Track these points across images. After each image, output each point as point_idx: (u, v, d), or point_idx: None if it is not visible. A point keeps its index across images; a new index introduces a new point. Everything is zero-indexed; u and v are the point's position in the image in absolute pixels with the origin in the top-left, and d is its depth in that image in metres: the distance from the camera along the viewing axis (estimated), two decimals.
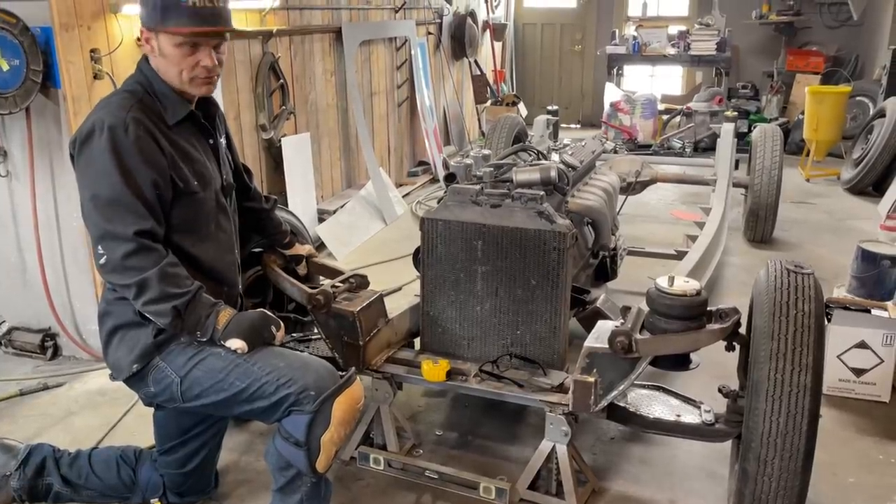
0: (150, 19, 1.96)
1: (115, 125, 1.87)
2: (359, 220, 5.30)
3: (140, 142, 1.89)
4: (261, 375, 1.91)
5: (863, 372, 3.04)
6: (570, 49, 10.45)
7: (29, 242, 3.28)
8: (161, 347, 1.99)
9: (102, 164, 1.86)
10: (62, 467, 2.26)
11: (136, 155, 1.88)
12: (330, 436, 1.90)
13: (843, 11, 8.67)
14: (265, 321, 2.00)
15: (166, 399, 2.03)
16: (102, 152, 1.86)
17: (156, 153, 1.93)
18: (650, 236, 5.19)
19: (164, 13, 1.93)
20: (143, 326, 1.99)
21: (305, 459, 1.91)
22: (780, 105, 8.78)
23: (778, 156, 4.81)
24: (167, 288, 1.85)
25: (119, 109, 1.91)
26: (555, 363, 2.55)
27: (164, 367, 1.98)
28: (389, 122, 6.52)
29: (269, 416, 1.95)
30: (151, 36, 1.98)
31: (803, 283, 2.00)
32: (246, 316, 2.00)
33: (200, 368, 1.96)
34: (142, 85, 2.02)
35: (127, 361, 2.00)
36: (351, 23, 5.62)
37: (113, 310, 2.05)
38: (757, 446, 1.92)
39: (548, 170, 2.70)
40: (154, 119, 1.97)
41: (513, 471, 2.53)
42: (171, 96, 2.02)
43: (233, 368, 1.93)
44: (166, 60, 1.99)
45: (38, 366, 3.38)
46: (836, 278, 4.12)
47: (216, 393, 1.95)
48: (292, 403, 1.89)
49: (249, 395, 1.92)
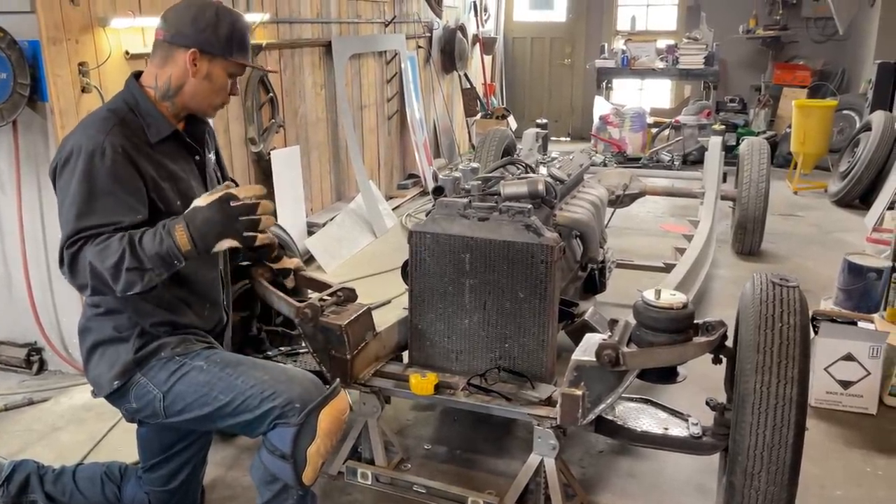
0: (214, 46, 1.97)
1: (93, 149, 1.83)
2: (348, 233, 5.30)
3: (115, 166, 1.85)
4: (245, 389, 1.89)
5: (850, 384, 3.05)
6: (559, 63, 10.53)
7: (15, 256, 3.26)
8: (142, 363, 1.97)
9: (78, 189, 1.82)
10: (46, 484, 2.24)
11: (111, 178, 1.83)
12: (316, 448, 1.88)
13: (829, 26, 8.77)
14: (224, 212, 1.81)
15: (149, 415, 2.01)
16: (79, 177, 1.82)
17: (133, 177, 1.88)
18: (639, 249, 5.21)
19: (236, 45, 2.00)
20: (123, 342, 1.97)
21: (292, 472, 1.88)
22: (767, 118, 8.86)
23: (765, 169, 4.85)
24: (106, 260, 1.75)
25: (97, 133, 1.86)
26: (543, 376, 2.55)
27: (145, 383, 1.96)
28: (379, 134, 6.53)
29: (255, 429, 1.93)
30: (206, 61, 1.98)
31: (788, 296, 2.01)
32: (197, 216, 1.81)
33: (183, 383, 1.94)
34: (127, 103, 2.00)
35: (107, 378, 1.98)
36: (341, 36, 5.64)
37: (93, 325, 2.03)
38: (743, 459, 1.92)
39: (535, 183, 2.71)
40: (135, 139, 1.93)
41: (501, 485, 2.52)
42: (156, 115, 2.00)
43: (216, 382, 1.92)
44: (209, 85, 2.01)
45: (23, 380, 3.35)
46: (824, 290, 4.14)
47: (200, 407, 1.93)
48: (277, 416, 1.88)
49: (234, 409, 1.91)
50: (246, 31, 2.06)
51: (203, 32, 1.96)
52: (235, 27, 2.01)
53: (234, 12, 2.06)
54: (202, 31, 1.96)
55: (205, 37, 1.96)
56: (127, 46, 3.42)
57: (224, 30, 1.98)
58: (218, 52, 1.99)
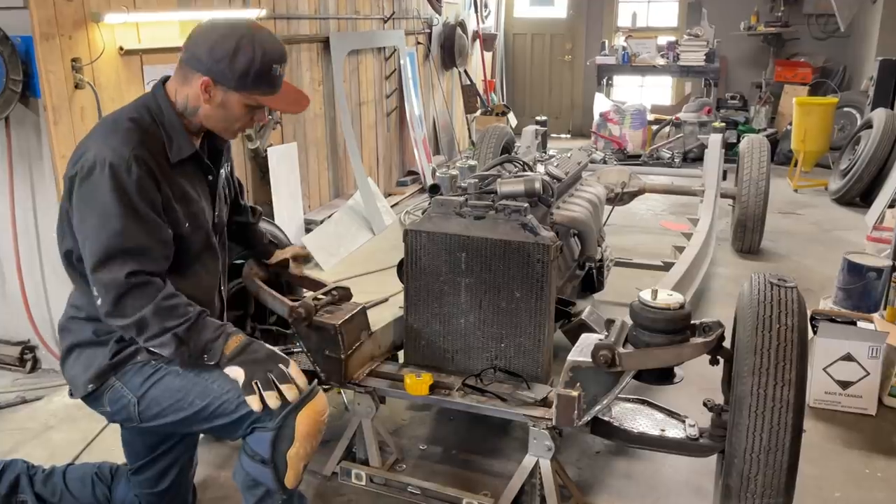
0: (227, 79, 1.87)
1: (118, 164, 1.78)
2: (346, 231, 5.27)
3: (141, 181, 1.81)
4: (220, 393, 1.85)
5: (849, 385, 3.02)
6: (559, 59, 10.48)
7: (8, 253, 3.24)
8: (117, 367, 1.94)
9: (103, 206, 1.78)
10: (36, 484, 2.22)
11: (137, 195, 1.80)
12: (296, 451, 1.85)
13: (830, 23, 8.73)
14: (273, 357, 1.86)
15: (124, 419, 1.99)
16: (104, 193, 1.78)
17: (154, 193, 1.85)
18: (638, 247, 5.18)
19: (252, 81, 1.88)
20: (100, 346, 1.94)
21: (273, 477, 1.86)
22: (768, 116, 8.83)
23: (765, 167, 4.82)
24: (164, 322, 1.78)
25: (122, 145, 1.81)
26: (539, 376, 2.53)
27: (119, 388, 1.94)
28: (378, 131, 6.50)
29: (232, 433, 1.91)
30: (219, 91, 1.89)
31: (786, 297, 1.98)
32: (255, 347, 1.87)
33: (158, 388, 1.91)
34: (150, 112, 1.92)
35: (82, 380, 1.95)
36: (339, 32, 5.61)
37: (72, 327, 2.01)
38: (740, 462, 1.90)
39: (532, 181, 2.68)
40: (156, 155, 1.87)
41: (497, 486, 2.49)
42: (179, 130, 1.93)
43: (192, 387, 1.88)
44: (224, 112, 1.93)
45: (16, 379, 3.32)
46: (823, 290, 4.12)
47: (175, 412, 1.90)
48: (255, 420, 1.84)
49: (210, 414, 1.87)
50: (270, 67, 1.90)
51: (218, 63, 1.85)
52: (256, 62, 1.86)
53: (262, 44, 1.88)
54: (217, 62, 1.85)
55: (219, 68, 1.86)
56: (121, 42, 3.39)
57: (241, 63, 1.85)
58: (231, 86, 1.88)
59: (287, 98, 2.02)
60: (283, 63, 1.95)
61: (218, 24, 1.92)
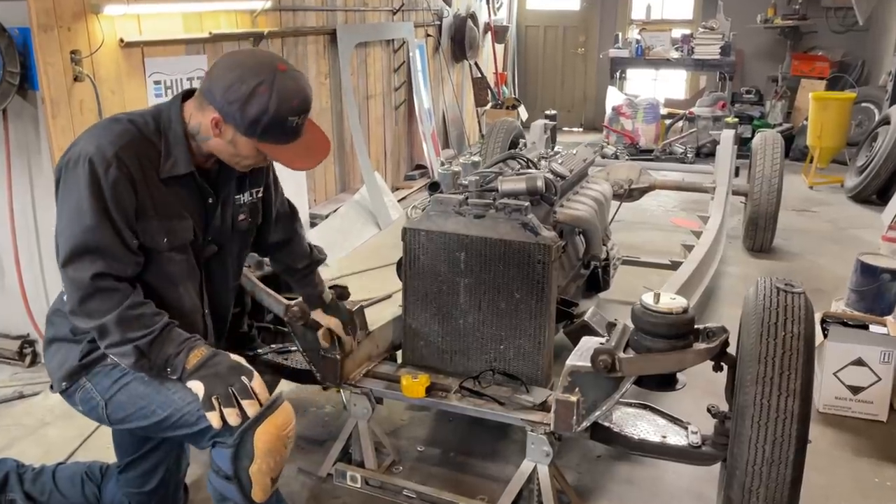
0: (237, 123, 1.78)
1: (98, 161, 1.72)
2: (352, 225, 5.22)
3: (117, 183, 1.74)
4: (181, 405, 1.80)
5: (860, 390, 2.94)
6: (572, 52, 10.37)
7: (6, 247, 3.21)
8: (88, 368, 1.90)
9: (77, 201, 1.74)
10: (25, 483, 2.20)
11: (111, 196, 1.74)
12: (258, 467, 1.76)
13: (849, 16, 8.56)
14: (236, 370, 1.77)
15: (95, 419, 1.97)
16: (80, 188, 1.73)
17: (128, 198, 1.78)
18: (648, 244, 5.10)
19: (265, 130, 1.79)
20: (75, 344, 1.91)
21: (239, 493, 1.80)
22: (784, 110, 8.68)
23: (778, 163, 4.72)
24: (126, 333, 1.73)
25: (109, 144, 1.75)
26: (539, 380, 2.47)
27: (90, 389, 1.90)
28: (386, 125, 6.45)
29: (197, 443, 1.86)
30: (230, 130, 1.81)
31: (793, 303, 1.91)
32: (216, 360, 1.79)
33: (124, 393, 1.87)
34: (158, 121, 1.86)
35: (57, 376, 1.94)
36: (346, 24, 5.55)
37: (54, 320, 1.99)
38: (741, 474, 1.84)
39: (534, 179, 2.62)
40: (144, 163, 1.80)
41: (494, 490, 2.45)
42: (180, 149, 1.85)
43: (155, 395, 1.83)
44: (233, 150, 1.85)
45: (15, 373, 3.31)
46: (836, 290, 4.02)
47: (140, 419, 1.87)
48: (214, 434, 1.78)
49: (172, 424, 1.83)
50: (284, 119, 1.78)
51: (230, 105, 1.77)
52: (269, 112, 1.76)
53: (280, 92, 1.76)
54: (230, 103, 1.77)
55: (230, 110, 1.77)
56: (122, 34, 3.35)
57: (253, 111, 1.76)
58: (241, 131, 1.80)
59: (299, 149, 1.88)
60: (302, 115, 1.84)
61: (242, 61, 1.82)
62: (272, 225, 2.28)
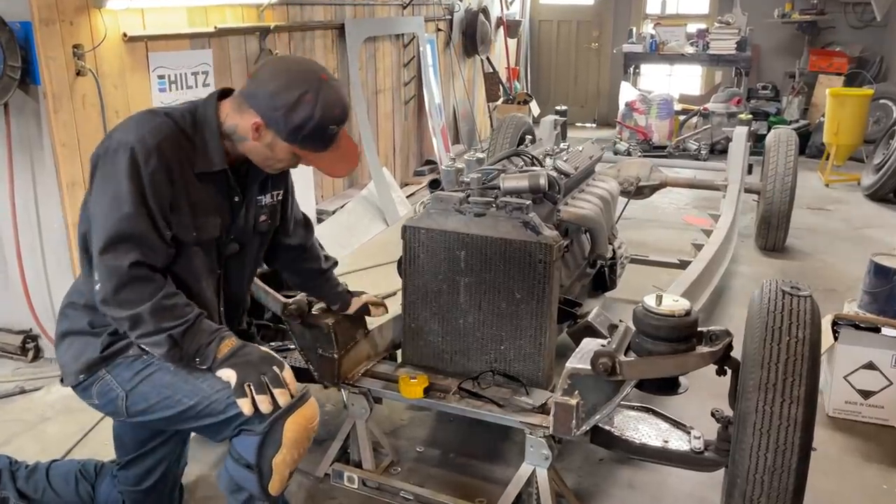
0: (280, 128, 1.83)
1: (139, 150, 1.75)
2: (359, 221, 5.19)
3: (156, 174, 1.77)
4: (210, 393, 1.80)
5: (871, 394, 2.88)
6: (586, 46, 10.28)
7: (8, 242, 3.21)
8: (108, 361, 1.89)
9: (116, 189, 1.75)
10: (18, 481, 2.18)
11: (150, 186, 1.76)
12: (282, 458, 1.79)
13: (867, 11, 8.42)
14: (267, 360, 1.80)
15: (111, 412, 1.96)
16: (121, 176, 1.74)
17: (165, 189, 1.80)
18: (658, 242, 5.03)
19: (307, 137, 1.85)
20: (93, 337, 1.90)
21: (257, 483, 1.81)
22: (801, 107, 8.56)
23: (792, 161, 4.63)
24: (161, 322, 1.74)
25: (149, 135, 1.78)
26: (539, 381, 2.43)
27: (109, 380, 1.89)
28: (395, 120, 6.40)
29: (219, 433, 1.85)
30: (269, 134, 1.85)
31: (799, 307, 1.86)
32: (248, 350, 1.82)
33: (147, 383, 1.86)
34: (193, 117, 1.88)
35: (72, 370, 1.92)
36: (355, 19, 5.51)
37: (68, 313, 1.98)
38: (742, 483, 1.79)
39: (537, 177, 2.56)
40: (181, 157, 1.83)
41: (493, 493, 2.41)
42: (214, 147, 1.88)
43: (181, 384, 1.83)
44: (270, 153, 1.89)
45: (18, 368, 3.31)
46: (849, 291, 3.94)
47: (163, 409, 1.85)
48: (242, 422, 1.79)
49: (198, 413, 1.82)
50: (326, 127, 1.85)
51: (275, 111, 1.81)
52: (313, 120, 1.82)
53: (324, 102, 1.82)
54: (275, 109, 1.81)
55: (274, 116, 1.82)
56: (125, 29, 3.33)
57: (297, 118, 1.81)
58: (282, 136, 1.85)
59: (334, 157, 1.94)
60: (341, 124, 1.89)
61: (289, 67, 1.88)
62: (289, 228, 2.31)
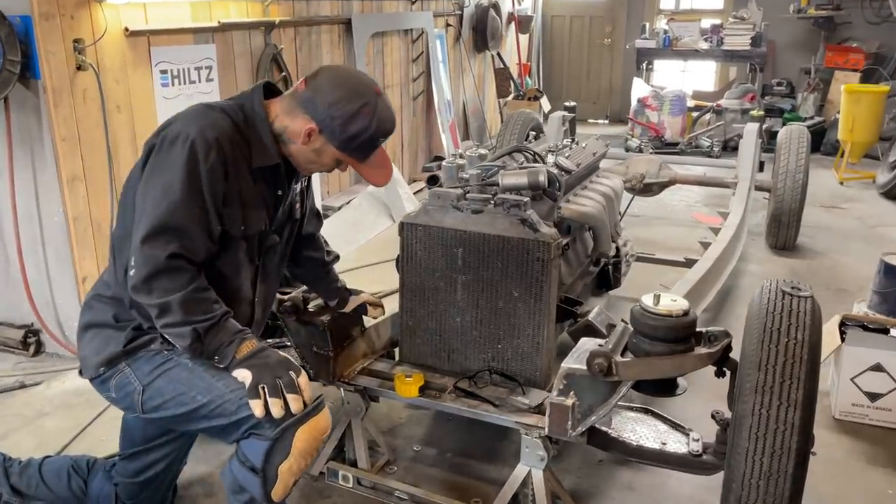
0: (334, 136, 1.91)
1: (200, 143, 1.78)
2: (365, 217, 5.17)
3: (214, 169, 1.79)
4: (224, 392, 1.79)
5: (878, 397, 2.82)
6: (598, 42, 10.20)
7: (9, 237, 3.21)
8: (130, 354, 1.90)
9: (170, 179, 1.76)
10: (11, 476, 2.18)
11: (207, 180, 1.78)
12: (289, 466, 1.77)
13: (884, 7, 8.27)
14: (284, 364, 1.79)
15: (126, 407, 1.96)
16: (177, 166, 1.76)
17: (221, 184, 1.82)
18: (666, 240, 4.98)
19: (358, 146, 1.94)
20: (117, 331, 1.91)
21: (260, 487, 1.79)
22: (816, 103, 8.44)
23: (804, 159, 4.55)
24: (188, 315, 1.74)
25: (210, 128, 1.81)
26: (537, 381, 2.39)
27: (128, 374, 1.89)
28: (403, 116, 6.37)
29: (229, 434, 1.83)
30: (320, 140, 1.92)
31: (799, 308, 1.81)
32: (267, 353, 1.81)
33: (164, 378, 1.86)
34: (245, 112, 1.92)
35: (94, 362, 1.92)
36: (362, 14, 5.48)
37: (94, 305, 1.98)
38: (738, 488, 1.74)
39: (536, 173, 2.52)
40: (237, 152, 1.86)
41: (489, 493, 2.38)
42: (266, 142, 1.92)
43: (197, 381, 1.83)
44: (315, 157, 1.96)
45: (19, 362, 3.31)
46: (860, 291, 3.87)
47: (176, 406, 1.84)
48: (253, 426, 1.77)
49: (210, 412, 1.81)
50: (377, 140, 1.96)
51: (333, 120, 1.88)
52: (368, 132, 1.91)
53: (379, 115, 1.92)
54: (333, 119, 1.88)
55: (332, 125, 1.89)
56: (126, 23, 3.32)
57: (354, 129, 1.89)
58: (335, 144, 1.92)
59: (374, 165, 2.03)
60: (388, 136, 1.99)
61: (348, 78, 1.95)
62: (306, 216, 2.32)
